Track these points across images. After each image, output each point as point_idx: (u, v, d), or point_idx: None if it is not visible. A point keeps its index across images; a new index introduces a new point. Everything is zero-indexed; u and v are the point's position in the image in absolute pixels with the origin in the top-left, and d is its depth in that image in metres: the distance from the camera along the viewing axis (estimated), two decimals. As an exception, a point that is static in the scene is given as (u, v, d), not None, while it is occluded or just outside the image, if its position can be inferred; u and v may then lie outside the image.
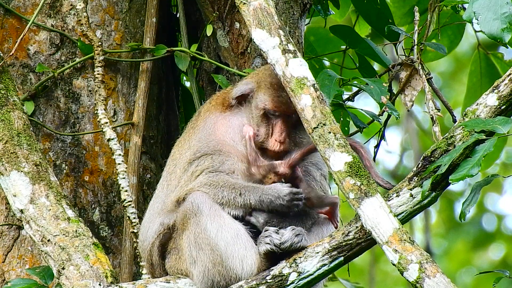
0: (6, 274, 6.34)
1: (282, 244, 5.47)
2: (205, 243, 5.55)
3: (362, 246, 5.42)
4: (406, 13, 7.61)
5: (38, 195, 5.76)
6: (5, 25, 6.59)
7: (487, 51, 7.89)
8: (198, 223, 5.56)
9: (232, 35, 6.76)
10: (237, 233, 5.56)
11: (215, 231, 5.54)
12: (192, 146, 5.80)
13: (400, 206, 5.39)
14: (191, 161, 5.75)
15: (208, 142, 5.77)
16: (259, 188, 5.62)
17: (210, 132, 5.81)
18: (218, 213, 5.58)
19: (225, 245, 5.53)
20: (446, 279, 5.05)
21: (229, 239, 5.54)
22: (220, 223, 5.55)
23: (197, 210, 5.57)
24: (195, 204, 5.59)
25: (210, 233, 5.54)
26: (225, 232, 5.55)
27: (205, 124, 5.85)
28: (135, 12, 6.80)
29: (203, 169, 5.72)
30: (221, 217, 5.57)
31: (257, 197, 5.59)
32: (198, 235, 5.57)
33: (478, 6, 5.45)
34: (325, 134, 5.37)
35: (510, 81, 5.35)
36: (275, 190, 5.59)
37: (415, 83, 6.68)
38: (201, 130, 5.85)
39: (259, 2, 5.66)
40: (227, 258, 5.53)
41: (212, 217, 5.56)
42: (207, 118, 5.87)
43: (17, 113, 5.93)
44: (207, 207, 5.58)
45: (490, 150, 5.18)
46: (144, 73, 6.67)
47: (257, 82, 5.80)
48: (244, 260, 5.53)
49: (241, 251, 5.53)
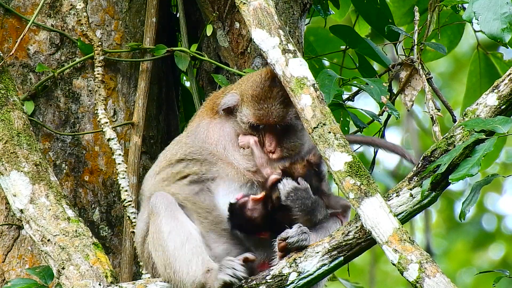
0: (6, 274, 6.34)
1: (288, 239, 5.43)
2: (158, 244, 5.53)
3: (362, 246, 5.42)
4: (406, 13, 7.61)
5: (38, 195, 5.76)
6: (5, 25, 6.59)
7: (486, 51, 7.89)
8: (156, 224, 5.55)
9: (232, 35, 6.76)
10: (188, 236, 5.51)
11: (167, 232, 5.51)
12: (184, 146, 5.80)
13: (400, 206, 5.39)
14: (179, 160, 5.75)
15: (201, 149, 5.77)
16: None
17: (203, 139, 5.80)
18: (174, 215, 5.55)
19: (174, 248, 5.49)
20: (446, 279, 5.05)
21: (177, 242, 5.49)
22: (173, 225, 5.52)
23: (156, 210, 5.56)
24: (154, 204, 5.58)
25: (163, 235, 5.52)
26: (176, 235, 5.50)
27: (198, 129, 5.84)
28: (135, 12, 6.80)
29: (189, 173, 5.70)
30: (176, 219, 5.54)
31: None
32: (154, 235, 5.56)
33: (478, 6, 5.45)
34: (325, 134, 5.37)
35: (510, 81, 5.35)
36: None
37: (415, 83, 6.68)
38: (194, 134, 5.84)
39: (259, 2, 5.66)
40: (174, 260, 5.48)
41: (166, 218, 5.54)
42: (200, 123, 5.87)
43: (17, 113, 5.93)
44: (163, 207, 5.56)
45: (490, 150, 5.18)
46: (144, 73, 6.68)
47: (240, 95, 5.78)
48: (189, 265, 5.47)
49: (188, 255, 5.48)
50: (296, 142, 5.76)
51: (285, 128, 5.70)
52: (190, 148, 5.77)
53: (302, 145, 5.77)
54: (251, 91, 5.74)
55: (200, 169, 5.72)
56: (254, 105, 5.70)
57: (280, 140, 5.73)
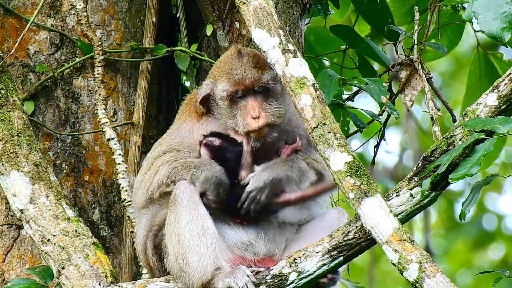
0: (6, 274, 6.34)
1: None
2: (174, 233, 5.52)
3: (362, 246, 5.42)
4: (405, 12, 7.61)
5: (38, 195, 5.76)
6: (5, 25, 6.59)
7: (486, 51, 7.89)
8: (174, 214, 5.54)
9: (232, 34, 6.76)
10: (205, 230, 5.50)
11: (185, 223, 5.50)
12: (163, 143, 5.82)
13: (400, 205, 5.39)
14: (158, 156, 5.76)
15: (180, 143, 5.77)
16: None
17: (185, 136, 5.81)
18: (195, 206, 5.53)
19: (189, 239, 5.48)
20: (446, 279, 5.05)
21: (194, 234, 5.48)
22: (193, 216, 5.51)
23: (178, 200, 5.55)
24: (177, 194, 5.56)
25: (180, 225, 5.51)
26: (194, 226, 5.49)
27: (180, 130, 5.85)
28: (135, 12, 6.80)
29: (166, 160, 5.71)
30: (196, 210, 5.53)
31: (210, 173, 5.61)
32: (171, 225, 5.54)
33: (477, 6, 5.45)
34: (325, 134, 5.37)
35: (510, 81, 5.35)
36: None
37: (415, 82, 6.68)
38: (175, 134, 5.85)
39: (259, 2, 5.66)
40: (188, 251, 5.48)
41: (187, 209, 5.52)
42: (181, 124, 5.87)
43: (17, 112, 5.93)
44: (186, 197, 5.55)
45: (490, 150, 5.18)
46: (144, 73, 6.68)
47: (212, 78, 5.81)
48: (202, 259, 5.48)
49: (202, 248, 5.48)
50: (279, 107, 5.75)
51: (265, 93, 5.70)
52: (169, 143, 5.78)
53: (286, 111, 5.76)
54: (221, 69, 5.78)
55: (177, 155, 5.72)
56: (227, 76, 5.73)
57: (262, 106, 5.72)
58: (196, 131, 5.83)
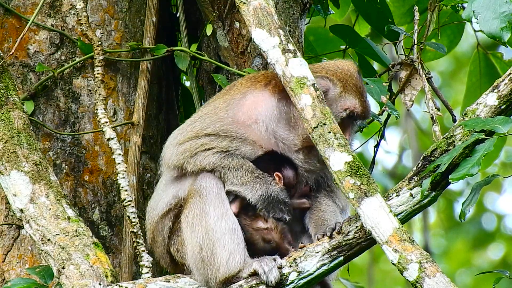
0: (6, 274, 6.34)
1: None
2: (201, 225, 5.54)
3: (362, 245, 5.42)
4: (405, 12, 7.61)
5: (38, 194, 5.76)
6: (5, 24, 6.59)
7: (486, 51, 7.89)
8: (200, 205, 5.55)
9: (232, 34, 6.76)
10: (235, 227, 5.56)
11: (216, 218, 5.54)
12: (217, 121, 5.72)
13: (400, 205, 5.39)
14: (209, 134, 5.70)
15: (236, 127, 5.69)
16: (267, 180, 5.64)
17: (244, 113, 5.71)
18: (223, 203, 5.57)
19: (221, 235, 5.52)
20: (446, 279, 5.05)
21: (226, 231, 5.53)
22: (222, 213, 5.55)
23: (203, 192, 5.57)
24: (201, 186, 5.58)
25: (209, 219, 5.54)
26: (225, 223, 5.54)
27: (242, 101, 5.75)
28: (135, 12, 6.80)
29: (215, 146, 5.66)
30: (224, 206, 5.57)
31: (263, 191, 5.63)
32: (196, 216, 5.56)
33: (477, 5, 5.46)
34: (325, 134, 5.37)
35: (510, 81, 5.35)
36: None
37: (415, 82, 6.68)
38: (234, 106, 5.76)
39: (259, 2, 5.66)
40: (218, 247, 5.52)
41: (216, 205, 5.56)
42: (246, 94, 5.76)
43: (17, 112, 5.93)
44: (214, 192, 5.58)
45: (490, 150, 5.18)
46: (144, 73, 6.67)
47: (339, 81, 5.77)
48: (232, 256, 5.52)
49: (233, 245, 5.53)
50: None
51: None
52: (225, 125, 5.71)
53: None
54: (350, 81, 5.78)
55: (230, 145, 5.69)
56: (361, 96, 5.77)
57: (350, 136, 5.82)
58: (261, 103, 5.74)
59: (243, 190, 5.60)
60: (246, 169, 5.63)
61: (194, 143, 5.67)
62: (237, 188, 5.60)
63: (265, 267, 5.43)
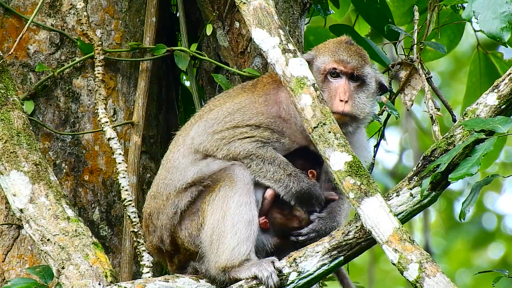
0: (6, 274, 6.34)
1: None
2: (221, 209, 5.57)
3: (362, 245, 5.42)
4: (405, 12, 7.61)
5: (38, 194, 5.76)
6: (5, 24, 6.59)
7: (486, 51, 7.89)
8: (228, 190, 5.57)
9: (232, 34, 6.76)
10: (252, 220, 5.57)
11: (237, 205, 5.56)
12: (259, 114, 5.77)
13: (400, 205, 5.39)
14: (251, 125, 5.74)
15: (278, 121, 5.76)
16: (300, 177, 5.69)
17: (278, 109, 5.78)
18: (249, 194, 5.60)
19: (237, 222, 5.54)
20: (446, 279, 5.05)
21: (243, 220, 5.55)
22: (245, 202, 5.57)
23: (235, 180, 5.60)
24: (236, 173, 5.61)
25: (231, 204, 5.56)
26: (244, 212, 5.56)
27: (278, 97, 5.81)
28: (135, 12, 6.80)
29: (256, 135, 5.72)
30: (249, 198, 5.60)
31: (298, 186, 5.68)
32: (220, 199, 5.58)
33: (477, 5, 5.46)
34: (325, 134, 5.37)
35: (510, 81, 5.35)
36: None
37: (414, 82, 6.68)
38: (268, 102, 5.81)
39: (259, 2, 5.66)
40: (230, 232, 5.54)
41: (242, 193, 5.58)
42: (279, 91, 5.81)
43: (16, 112, 5.93)
44: (243, 181, 5.60)
45: (489, 149, 5.18)
46: (144, 73, 6.68)
47: (316, 51, 5.85)
48: (239, 245, 5.53)
49: (244, 235, 5.54)
50: (366, 104, 5.80)
51: (359, 84, 5.77)
52: (268, 118, 5.76)
53: (370, 112, 5.82)
54: (328, 46, 5.84)
55: (271, 136, 5.73)
56: (332, 53, 5.79)
57: (353, 94, 5.76)
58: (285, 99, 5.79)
59: (276, 186, 5.66)
60: (278, 164, 5.68)
61: (233, 132, 5.73)
62: (270, 183, 5.66)
63: (264, 272, 5.43)
